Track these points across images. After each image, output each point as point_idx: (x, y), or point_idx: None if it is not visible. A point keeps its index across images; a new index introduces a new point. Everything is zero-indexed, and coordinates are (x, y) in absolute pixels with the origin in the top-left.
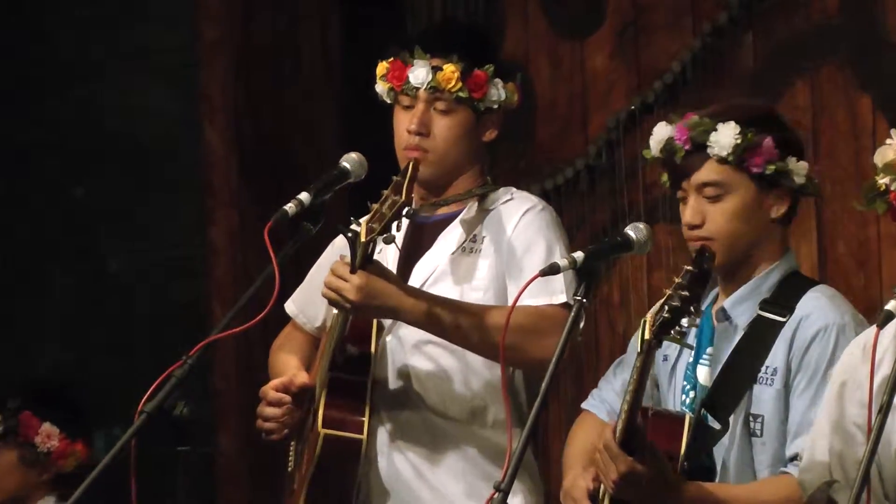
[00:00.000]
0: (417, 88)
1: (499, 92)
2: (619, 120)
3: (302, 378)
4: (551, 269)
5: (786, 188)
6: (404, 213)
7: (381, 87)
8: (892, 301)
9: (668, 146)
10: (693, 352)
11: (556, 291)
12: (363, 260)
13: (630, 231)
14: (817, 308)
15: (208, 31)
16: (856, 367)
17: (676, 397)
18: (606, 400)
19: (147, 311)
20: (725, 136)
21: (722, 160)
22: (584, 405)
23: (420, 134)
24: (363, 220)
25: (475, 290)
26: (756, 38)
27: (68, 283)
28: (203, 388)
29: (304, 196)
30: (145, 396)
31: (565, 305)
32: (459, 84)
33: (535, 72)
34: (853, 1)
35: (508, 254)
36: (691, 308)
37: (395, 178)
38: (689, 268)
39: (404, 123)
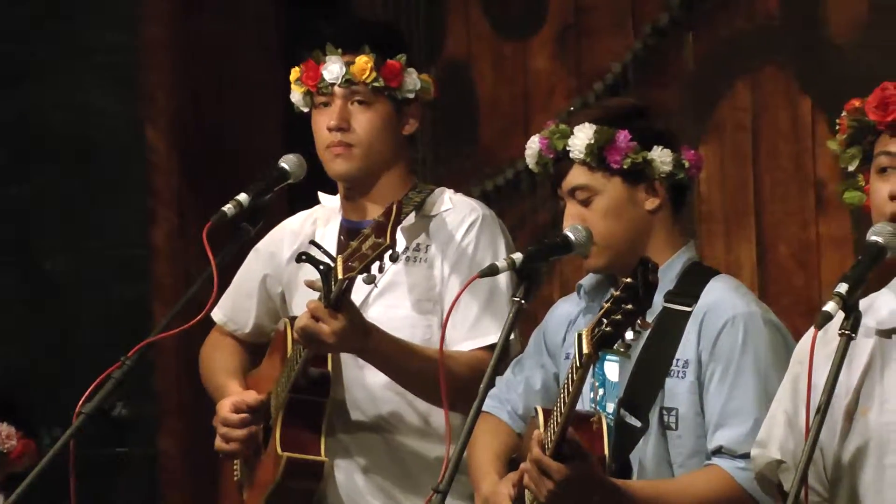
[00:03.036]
0: (333, 84)
1: (414, 81)
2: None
3: (255, 397)
4: (491, 271)
5: (655, 179)
6: (387, 256)
7: (296, 95)
8: (831, 302)
9: (539, 158)
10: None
11: (490, 332)
12: (339, 299)
13: (569, 232)
14: (723, 298)
15: (151, 31)
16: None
17: (585, 395)
18: (508, 401)
19: (89, 312)
20: (580, 139)
21: (583, 163)
22: (484, 408)
23: (341, 129)
24: (339, 256)
25: (427, 301)
26: (697, 39)
27: (9, 283)
28: (145, 389)
29: (242, 197)
30: (83, 398)
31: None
32: (374, 74)
33: (478, 73)
34: (794, 1)
35: (457, 265)
36: (637, 322)
37: (377, 218)
38: (629, 280)
39: (324, 123)
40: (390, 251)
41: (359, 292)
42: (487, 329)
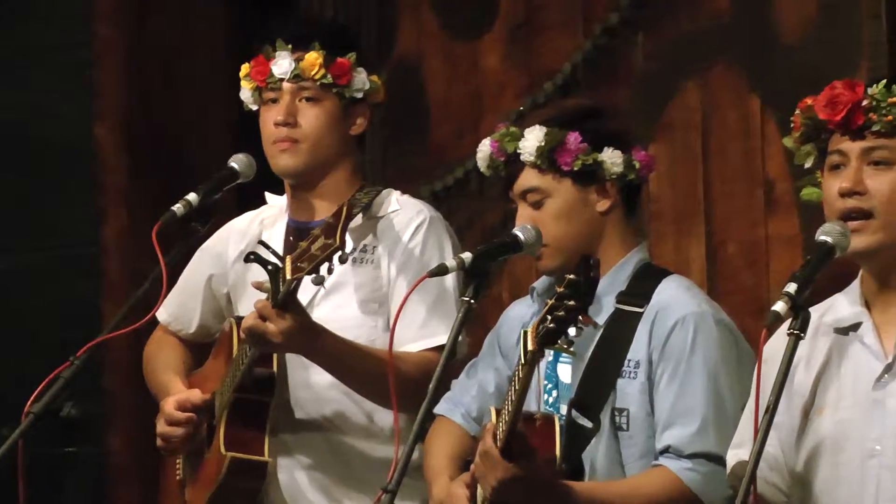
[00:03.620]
0: (282, 79)
1: (363, 80)
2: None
3: (199, 395)
4: (440, 270)
5: (606, 180)
6: (337, 257)
7: (245, 92)
8: (780, 302)
9: (491, 161)
10: (552, 352)
11: (439, 333)
12: (287, 299)
13: (519, 231)
14: (674, 299)
15: (102, 29)
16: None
17: (538, 396)
18: (461, 403)
19: (38, 310)
20: (531, 142)
21: (534, 165)
22: (437, 410)
23: (288, 124)
24: (288, 257)
25: (374, 302)
26: (646, 39)
27: None
28: (94, 389)
29: (192, 197)
30: (32, 397)
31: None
32: (323, 70)
33: (429, 72)
34: (743, 1)
35: (404, 267)
36: (578, 318)
37: (327, 219)
38: (571, 277)
39: (271, 118)
40: (340, 252)
41: (306, 292)
42: (436, 329)
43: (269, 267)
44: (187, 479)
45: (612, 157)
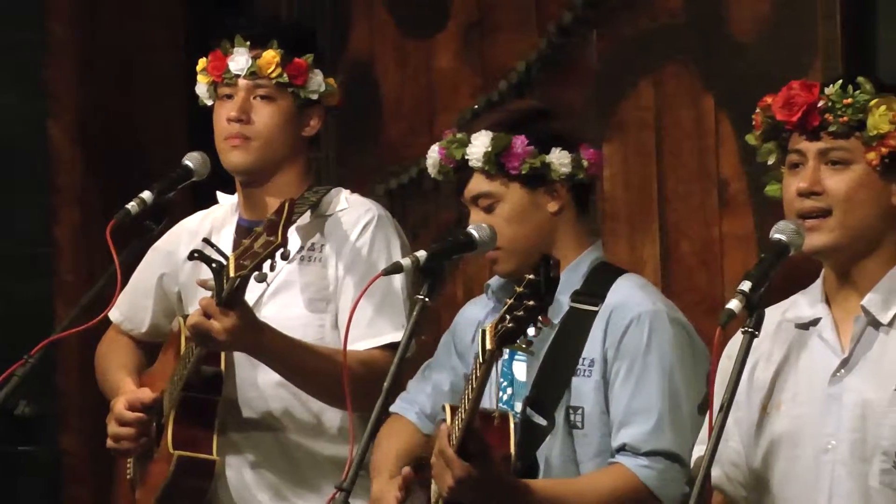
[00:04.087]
0: (238, 76)
1: (319, 82)
2: (463, 119)
3: (149, 395)
4: (395, 269)
5: (556, 181)
6: (279, 254)
7: (201, 87)
8: (735, 300)
9: (440, 167)
10: (508, 350)
11: (385, 332)
12: (231, 297)
13: (473, 230)
14: (629, 297)
15: (55, 27)
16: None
17: (492, 394)
18: (416, 402)
19: None
20: (478, 147)
21: (482, 170)
22: (392, 408)
23: (241, 121)
24: (231, 254)
25: (321, 301)
26: (600, 38)
27: None
28: (48, 388)
29: (146, 195)
30: None
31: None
32: (279, 70)
33: (382, 71)
34: (697, 0)
35: (352, 265)
36: (538, 318)
37: (269, 217)
38: (531, 277)
39: (224, 114)
40: (282, 249)
41: (253, 291)
42: (382, 328)
43: (213, 265)
44: (137, 479)
45: (559, 158)
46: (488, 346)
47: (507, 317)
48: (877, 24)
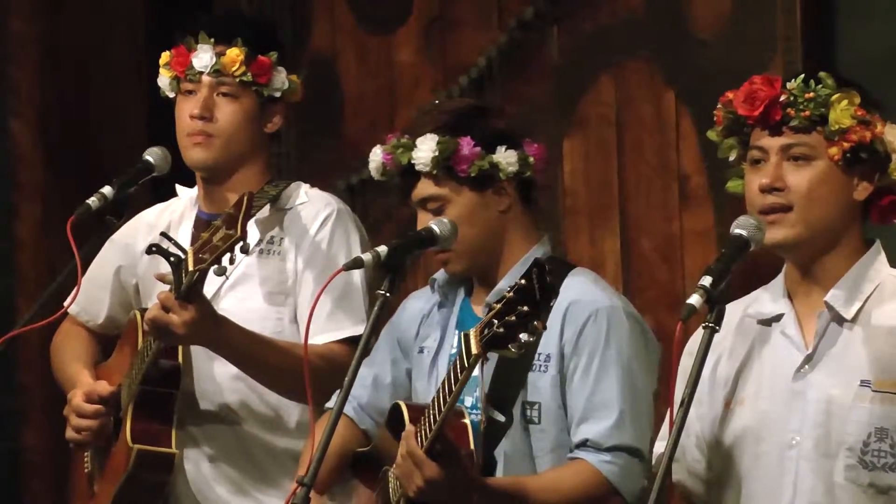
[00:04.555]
0: (201, 73)
1: (282, 79)
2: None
3: (106, 388)
4: (356, 263)
5: (504, 180)
6: (238, 248)
7: (163, 79)
8: (695, 295)
9: (384, 171)
10: (456, 344)
11: (345, 326)
12: (190, 290)
13: (434, 225)
14: (585, 292)
15: (17, 25)
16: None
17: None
18: (354, 395)
19: None
20: (424, 152)
21: (430, 175)
22: (328, 403)
23: (204, 118)
24: (190, 248)
25: (279, 294)
26: (561, 33)
27: None
28: (9, 384)
29: (107, 190)
30: None
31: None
32: (243, 68)
33: (343, 66)
34: None
35: (311, 259)
36: (534, 324)
37: (228, 210)
38: (522, 282)
39: (187, 110)
40: (241, 243)
41: (211, 284)
42: (342, 322)
43: (172, 259)
44: (95, 472)
45: (506, 157)
46: (473, 351)
47: (496, 322)
48: (836, 18)
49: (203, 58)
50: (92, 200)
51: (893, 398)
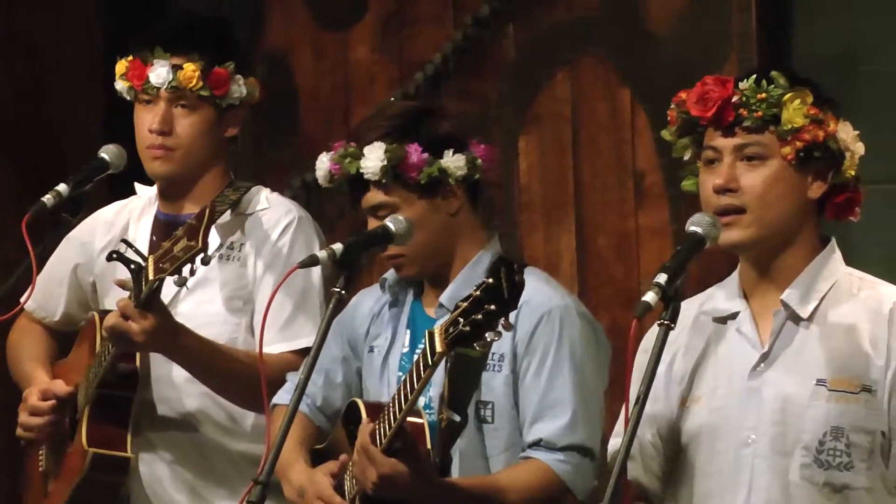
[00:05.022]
0: (158, 88)
1: (240, 88)
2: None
3: (62, 387)
4: (311, 261)
5: (451, 184)
6: (199, 259)
7: (121, 85)
8: (651, 293)
9: (331, 178)
10: (407, 343)
11: (301, 335)
12: (149, 299)
13: (390, 223)
14: (537, 292)
15: None
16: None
17: (391, 389)
18: (307, 393)
19: None
20: (372, 161)
21: (379, 183)
22: (281, 400)
23: (163, 133)
24: (150, 256)
25: (238, 300)
26: (517, 30)
27: None
28: None
29: (62, 188)
30: None
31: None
32: (200, 83)
33: (299, 63)
34: None
35: (271, 265)
36: (500, 322)
37: (190, 221)
38: (489, 281)
39: (146, 122)
40: (202, 254)
41: (171, 286)
42: (299, 331)
43: (132, 266)
44: (50, 472)
45: (454, 161)
46: (438, 349)
47: (461, 320)
48: (792, 17)
49: (160, 73)
50: (47, 198)
51: (849, 397)
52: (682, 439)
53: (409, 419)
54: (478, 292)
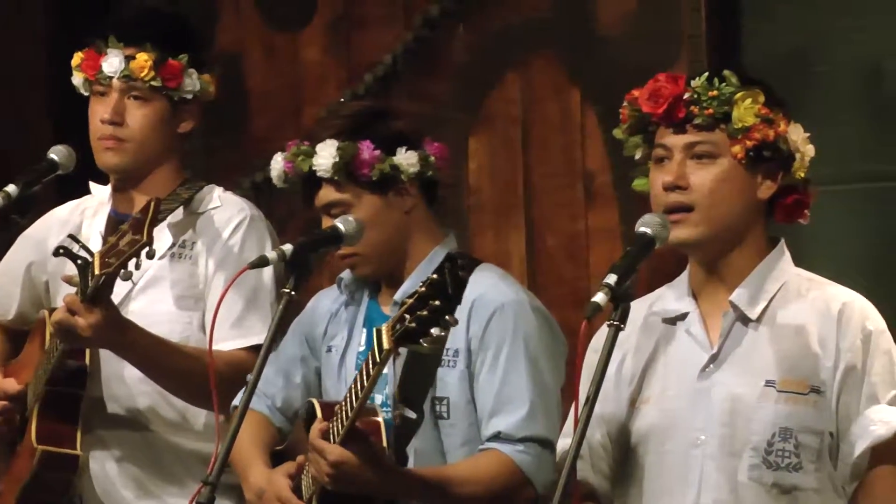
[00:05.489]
0: (111, 77)
1: (193, 82)
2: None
3: (13, 385)
4: (261, 262)
5: (406, 181)
6: (144, 253)
7: (77, 79)
8: (600, 293)
9: (285, 178)
10: (364, 342)
11: (252, 333)
12: (96, 294)
13: (340, 223)
14: (491, 288)
15: None
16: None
17: (348, 387)
18: (266, 394)
19: None
20: (324, 158)
21: (331, 181)
22: (236, 401)
23: (114, 123)
24: (97, 252)
25: (189, 298)
26: (467, 31)
27: None
28: None
29: (11, 188)
30: None
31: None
32: (152, 73)
33: (249, 64)
34: None
35: (223, 264)
36: (446, 318)
37: (135, 215)
38: (434, 276)
39: (99, 113)
40: (147, 248)
41: (122, 286)
42: (251, 328)
43: (79, 261)
44: (1, 471)
45: (407, 159)
46: (385, 346)
47: (408, 317)
48: (742, 17)
49: (113, 62)
50: None
51: (798, 398)
52: (632, 440)
53: (367, 418)
54: (423, 288)
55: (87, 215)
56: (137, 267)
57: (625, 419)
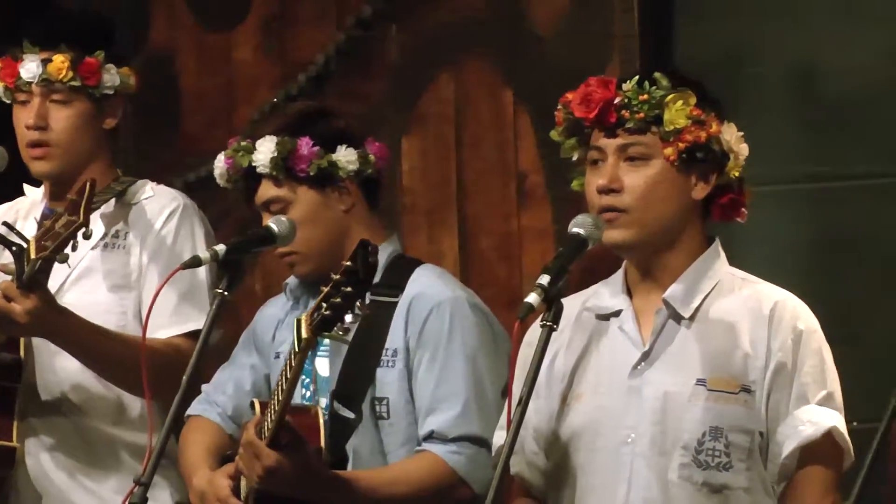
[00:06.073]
0: (30, 83)
1: (113, 77)
2: (262, 112)
3: None
4: (194, 262)
5: (345, 179)
6: (80, 234)
7: None
8: (533, 294)
9: (228, 176)
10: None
11: (190, 320)
12: (32, 279)
13: (273, 224)
14: (428, 285)
15: None
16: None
17: (296, 391)
18: (217, 403)
19: None
20: (264, 154)
21: (270, 176)
22: (193, 411)
23: (39, 128)
24: (32, 236)
25: (123, 288)
26: (400, 31)
27: None
28: None
29: None
30: None
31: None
32: (70, 74)
33: (182, 64)
34: None
35: (156, 254)
36: (356, 304)
37: (71, 197)
38: (348, 264)
39: (23, 120)
40: (84, 229)
41: (56, 277)
42: (187, 316)
43: (14, 248)
44: None
45: (346, 156)
46: (304, 335)
47: (324, 305)
48: (674, 18)
49: (30, 68)
50: None
51: (728, 397)
52: (564, 436)
53: (306, 419)
54: (337, 276)
55: (21, 215)
56: (74, 249)
57: (557, 415)
